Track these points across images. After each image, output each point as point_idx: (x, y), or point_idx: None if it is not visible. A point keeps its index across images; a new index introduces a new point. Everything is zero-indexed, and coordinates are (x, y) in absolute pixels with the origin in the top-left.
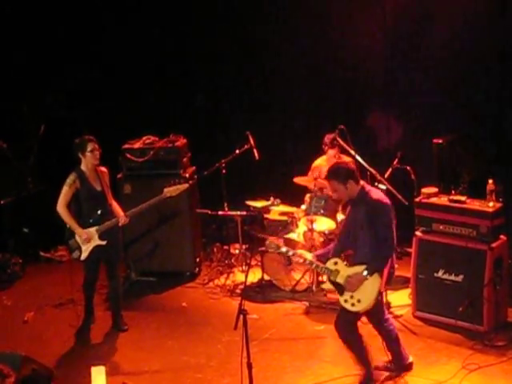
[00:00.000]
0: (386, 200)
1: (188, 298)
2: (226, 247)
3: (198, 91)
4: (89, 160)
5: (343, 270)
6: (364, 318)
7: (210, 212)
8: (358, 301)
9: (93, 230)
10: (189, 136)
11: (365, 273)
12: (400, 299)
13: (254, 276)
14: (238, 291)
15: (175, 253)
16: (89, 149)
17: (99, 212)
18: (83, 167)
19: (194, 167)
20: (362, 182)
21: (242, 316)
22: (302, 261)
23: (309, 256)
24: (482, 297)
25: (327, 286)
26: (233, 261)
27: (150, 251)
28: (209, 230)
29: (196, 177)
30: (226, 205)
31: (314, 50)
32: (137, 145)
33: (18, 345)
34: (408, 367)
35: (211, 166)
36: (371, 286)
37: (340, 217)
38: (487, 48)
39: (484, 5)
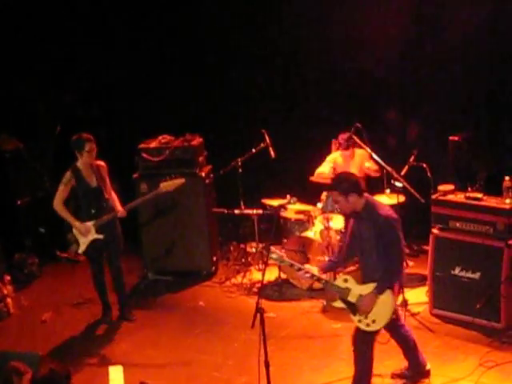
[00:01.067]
0: (394, 215)
1: (205, 296)
2: (242, 246)
3: (215, 90)
4: (85, 159)
5: (354, 288)
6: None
7: (226, 211)
8: (373, 321)
9: (90, 224)
10: (205, 135)
11: (375, 291)
12: (417, 297)
13: (271, 274)
14: (254, 290)
15: (192, 252)
16: (86, 149)
17: (95, 207)
18: (79, 164)
19: (210, 166)
20: (366, 195)
21: (259, 314)
22: (308, 276)
23: (316, 271)
24: (499, 294)
25: (338, 304)
26: (249, 259)
27: (166, 250)
28: (225, 228)
29: (212, 176)
30: (242, 203)
31: (330, 48)
32: (153, 144)
33: (36, 345)
34: (425, 374)
35: (227, 164)
36: (385, 305)
37: None
38: (505, 42)
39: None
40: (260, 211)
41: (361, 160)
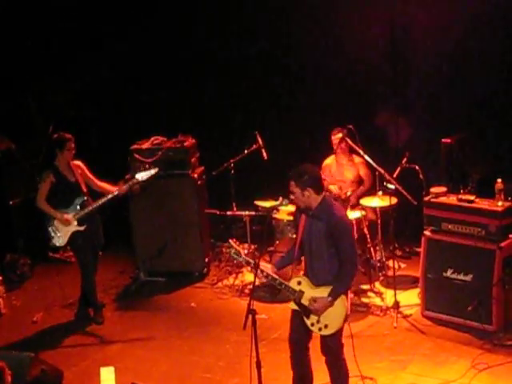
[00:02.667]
0: (348, 218)
1: (197, 298)
2: None
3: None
4: (65, 157)
5: (308, 292)
6: None
7: (218, 212)
8: (326, 326)
9: (70, 215)
10: (197, 136)
11: (330, 298)
12: (409, 299)
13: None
14: (246, 291)
15: (184, 253)
16: (67, 147)
17: (75, 201)
18: (57, 162)
19: (202, 167)
20: (324, 194)
21: (250, 316)
22: (264, 275)
23: (269, 269)
24: (491, 296)
25: (293, 305)
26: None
27: (159, 251)
28: (217, 230)
29: (204, 177)
30: (234, 205)
31: (323, 50)
32: (145, 145)
33: (27, 345)
34: None
35: (220, 166)
36: (338, 309)
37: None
38: (496, 45)
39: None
40: (252, 213)
41: (356, 169)
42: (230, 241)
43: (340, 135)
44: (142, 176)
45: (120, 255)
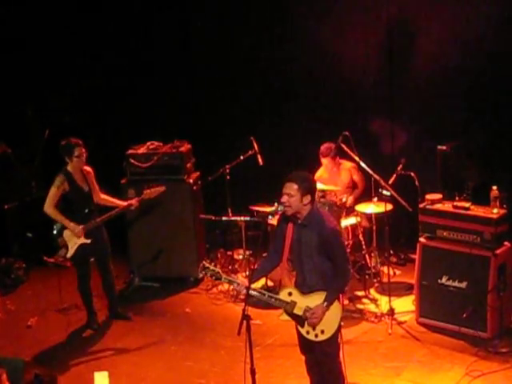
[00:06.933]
0: (338, 226)
1: (191, 303)
2: (229, 253)
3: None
4: (75, 164)
5: (300, 301)
6: None
7: (213, 217)
8: (322, 331)
9: (80, 228)
10: (193, 141)
11: (326, 303)
12: (404, 305)
13: (258, 282)
14: (241, 297)
15: (179, 258)
16: (76, 154)
17: (86, 211)
18: (70, 169)
19: (198, 173)
20: (315, 206)
21: (245, 321)
22: (244, 291)
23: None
24: (485, 303)
25: (284, 317)
26: (236, 266)
27: (153, 257)
28: (213, 235)
29: (200, 182)
30: (229, 210)
31: (318, 57)
32: (141, 150)
33: (21, 350)
34: None
35: (215, 171)
36: (333, 314)
37: (344, 223)
38: (491, 53)
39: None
40: (247, 218)
41: (349, 174)
42: (204, 262)
43: (327, 160)
44: (148, 193)
45: (114, 260)
